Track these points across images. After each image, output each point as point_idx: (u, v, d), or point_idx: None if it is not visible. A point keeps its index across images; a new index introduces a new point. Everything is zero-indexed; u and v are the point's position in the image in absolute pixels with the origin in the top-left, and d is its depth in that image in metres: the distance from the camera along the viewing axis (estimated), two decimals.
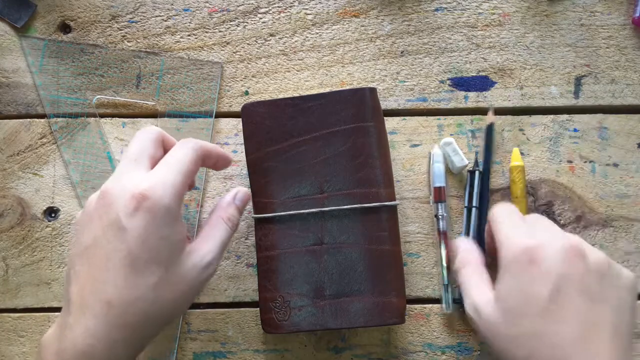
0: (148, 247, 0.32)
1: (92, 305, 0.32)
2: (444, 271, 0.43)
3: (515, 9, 0.47)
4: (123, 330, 0.32)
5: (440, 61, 0.46)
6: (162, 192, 0.32)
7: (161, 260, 0.33)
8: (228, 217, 0.38)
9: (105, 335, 0.31)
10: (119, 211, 0.32)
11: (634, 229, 0.45)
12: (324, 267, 0.40)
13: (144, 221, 0.32)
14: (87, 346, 0.31)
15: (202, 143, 0.37)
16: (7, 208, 0.46)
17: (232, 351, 0.44)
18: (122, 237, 0.32)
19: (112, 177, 0.34)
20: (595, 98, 0.46)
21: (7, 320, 0.45)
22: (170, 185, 0.33)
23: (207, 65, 0.47)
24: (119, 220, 0.32)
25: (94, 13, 0.47)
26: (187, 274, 0.34)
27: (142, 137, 0.36)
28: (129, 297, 0.32)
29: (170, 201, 0.32)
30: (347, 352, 0.44)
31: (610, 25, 0.46)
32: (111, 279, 0.32)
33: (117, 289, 0.32)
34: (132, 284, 0.32)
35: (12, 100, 0.47)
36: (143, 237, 0.32)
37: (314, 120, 0.41)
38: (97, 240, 0.32)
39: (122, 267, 0.32)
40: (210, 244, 0.36)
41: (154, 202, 0.32)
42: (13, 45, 0.47)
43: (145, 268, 0.32)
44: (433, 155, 0.44)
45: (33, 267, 0.45)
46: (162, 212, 0.32)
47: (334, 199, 0.40)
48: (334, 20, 0.47)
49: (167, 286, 0.33)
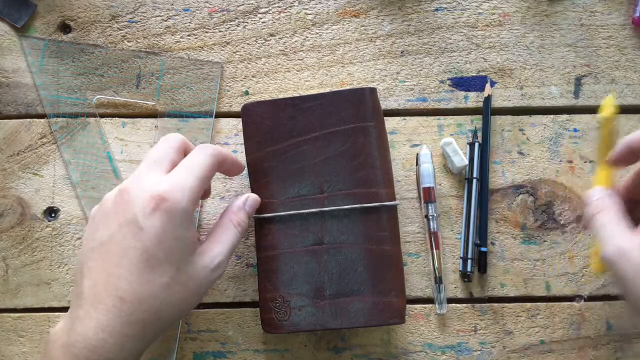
0: (163, 246, 0.33)
1: (105, 300, 0.32)
2: (436, 271, 0.43)
3: (515, 9, 0.47)
4: (134, 326, 0.33)
5: (440, 61, 0.46)
6: (181, 195, 0.33)
7: (174, 260, 0.34)
8: (238, 222, 0.38)
9: (117, 330, 0.32)
10: (136, 210, 0.33)
11: None
12: (324, 267, 0.40)
13: (161, 221, 0.33)
14: (99, 340, 0.32)
15: (219, 149, 0.38)
16: (7, 208, 0.46)
17: (232, 351, 0.44)
18: (138, 235, 0.33)
19: (131, 176, 0.35)
20: (595, 98, 0.46)
21: (7, 320, 0.45)
22: (188, 189, 0.34)
23: (207, 65, 0.47)
24: (137, 219, 0.33)
25: (94, 13, 0.47)
26: (197, 275, 0.35)
27: (166, 144, 0.37)
28: (141, 294, 0.33)
29: (187, 204, 0.34)
30: (347, 352, 0.44)
31: (610, 25, 0.46)
32: (125, 275, 0.33)
33: (130, 286, 0.32)
34: (145, 281, 0.33)
35: (12, 100, 0.47)
36: (159, 237, 0.33)
37: (314, 120, 0.41)
38: (113, 236, 0.33)
39: (137, 264, 0.33)
40: (221, 246, 0.37)
41: (171, 203, 0.33)
42: (13, 45, 0.47)
43: (158, 267, 0.33)
44: (420, 156, 0.44)
45: (33, 267, 0.45)
46: (178, 214, 0.33)
47: (334, 199, 0.40)
48: (334, 20, 0.47)
49: (177, 285, 0.34)
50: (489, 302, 0.44)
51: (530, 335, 0.44)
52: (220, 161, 0.38)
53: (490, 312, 0.44)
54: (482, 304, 0.44)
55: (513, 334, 0.44)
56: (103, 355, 0.32)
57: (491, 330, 0.44)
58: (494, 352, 0.44)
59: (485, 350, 0.44)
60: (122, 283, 0.32)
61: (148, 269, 0.33)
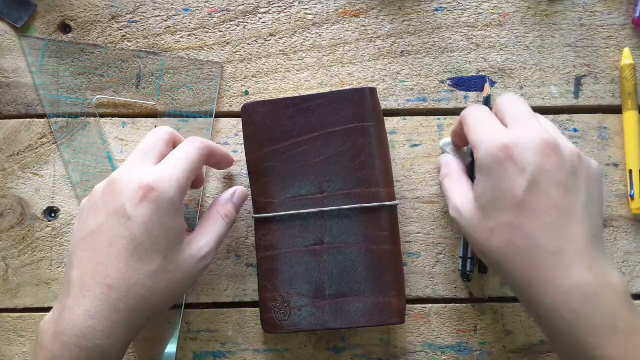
0: (150, 235, 0.34)
1: (93, 288, 0.33)
2: None
3: (515, 9, 0.47)
4: (121, 313, 0.33)
5: (440, 61, 0.46)
6: (168, 185, 0.34)
7: (161, 249, 0.34)
8: (225, 214, 0.40)
9: (105, 317, 0.33)
10: (125, 200, 0.34)
11: (634, 229, 0.45)
12: (324, 267, 0.40)
13: (149, 211, 0.34)
14: (87, 327, 0.32)
15: (207, 142, 0.39)
16: (7, 208, 0.46)
17: (232, 351, 0.44)
18: (126, 224, 0.33)
19: (121, 167, 0.36)
20: (595, 98, 0.46)
21: (7, 320, 0.45)
22: (176, 180, 0.35)
23: (207, 65, 0.47)
24: (125, 208, 0.34)
25: (94, 13, 0.47)
26: (184, 264, 0.36)
27: (156, 136, 0.38)
28: (129, 281, 0.33)
29: (175, 194, 0.35)
30: (347, 352, 0.44)
31: (610, 25, 0.46)
32: (113, 263, 0.33)
33: (118, 273, 0.33)
34: (133, 269, 0.33)
35: (12, 100, 0.47)
36: (147, 226, 0.33)
37: (314, 120, 0.41)
38: (102, 226, 0.34)
39: (125, 252, 0.33)
40: (208, 237, 0.38)
41: (159, 193, 0.34)
42: (13, 45, 0.47)
43: (146, 255, 0.34)
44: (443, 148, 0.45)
45: (33, 267, 0.45)
46: (166, 204, 0.34)
47: (334, 199, 0.40)
48: (334, 20, 0.47)
49: (164, 274, 0.35)
50: (489, 302, 0.44)
51: (530, 335, 0.44)
52: (208, 154, 0.39)
53: (490, 312, 0.44)
54: (482, 303, 0.44)
55: (513, 334, 0.44)
56: (91, 341, 0.32)
57: (491, 330, 0.44)
58: (494, 352, 0.44)
59: (485, 350, 0.44)
60: (110, 271, 0.33)
61: (136, 257, 0.33)
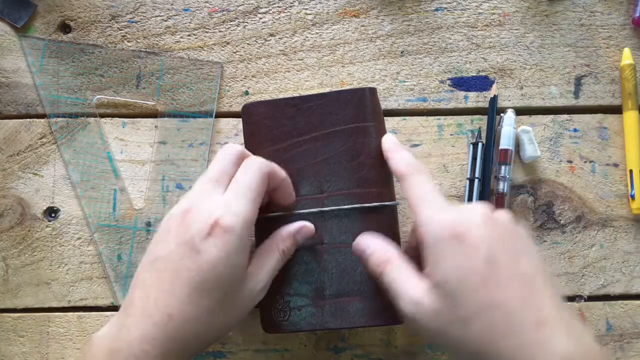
0: (216, 272, 0.33)
1: (153, 314, 0.33)
2: None
3: (515, 9, 0.47)
4: (177, 343, 0.33)
5: (440, 61, 0.46)
6: (235, 221, 0.34)
7: (223, 287, 0.34)
8: (284, 250, 0.38)
9: (161, 344, 0.33)
10: (194, 233, 0.33)
11: (634, 229, 0.45)
12: (324, 267, 0.40)
13: (217, 248, 0.33)
14: (142, 351, 0.32)
15: (266, 162, 0.37)
16: (7, 208, 0.46)
17: (232, 351, 0.44)
18: (194, 257, 0.33)
19: (195, 194, 0.36)
20: (595, 98, 0.46)
21: (7, 320, 0.45)
22: (242, 217, 0.34)
23: (207, 65, 0.47)
24: (194, 241, 0.33)
25: (94, 13, 0.47)
26: (241, 300, 0.36)
27: (224, 157, 0.37)
28: (188, 314, 0.33)
29: (241, 231, 0.34)
30: (347, 352, 0.44)
31: (610, 25, 0.46)
32: (177, 293, 0.33)
33: (180, 304, 0.33)
34: (194, 303, 0.33)
35: (12, 100, 0.47)
36: (214, 262, 0.33)
37: (314, 120, 0.41)
38: (171, 254, 0.34)
39: (189, 285, 0.33)
40: (264, 272, 0.37)
41: (226, 231, 0.33)
42: (13, 45, 0.47)
43: (208, 291, 0.33)
44: (504, 118, 0.44)
45: (33, 267, 0.45)
46: (233, 242, 0.34)
47: (334, 198, 0.40)
48: (334, 20, 0.47)
49: (221, 311, 0.35)
50: None
51: None
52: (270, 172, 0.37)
53: None
54: None
55: None
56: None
57: None
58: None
59: None
60: (172, 300, 0.33)
61: (198, 291, 0.33)
